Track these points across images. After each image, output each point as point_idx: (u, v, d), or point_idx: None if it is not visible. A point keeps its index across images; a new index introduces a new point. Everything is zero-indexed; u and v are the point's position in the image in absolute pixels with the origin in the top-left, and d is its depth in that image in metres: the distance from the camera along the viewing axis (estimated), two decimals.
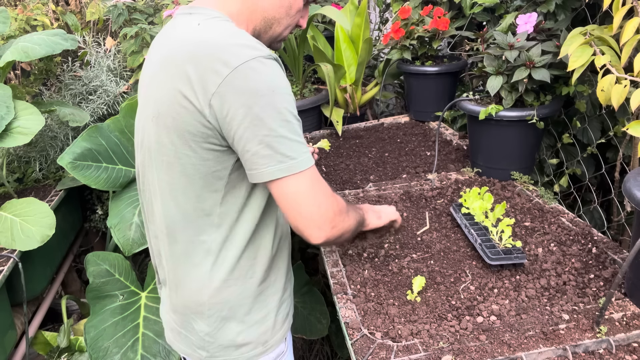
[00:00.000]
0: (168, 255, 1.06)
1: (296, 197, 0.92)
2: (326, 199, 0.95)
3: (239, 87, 0.86)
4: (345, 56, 2.35)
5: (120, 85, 2.18)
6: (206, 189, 0.96)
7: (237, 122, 0.87)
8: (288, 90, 0.91)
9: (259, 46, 0.91)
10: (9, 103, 1.63)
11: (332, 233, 0.97)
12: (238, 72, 0.86)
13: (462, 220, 1.37)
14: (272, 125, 0.88)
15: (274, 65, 0.90)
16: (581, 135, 1.66)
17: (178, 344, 1.12)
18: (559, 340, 0.97)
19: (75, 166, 1.71)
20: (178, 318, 1.10)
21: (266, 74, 0.88)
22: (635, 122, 1.12)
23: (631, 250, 0.95)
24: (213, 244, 1.00)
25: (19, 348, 1.67)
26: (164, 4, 2.25)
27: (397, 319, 1.06)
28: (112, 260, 1.78)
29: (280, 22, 1.04)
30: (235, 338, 1.05)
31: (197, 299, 1.04)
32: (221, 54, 0.87)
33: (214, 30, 0.93)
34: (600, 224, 1.63)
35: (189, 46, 0.91)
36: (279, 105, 0.88)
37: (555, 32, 1.56)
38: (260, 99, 0.87)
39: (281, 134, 0.89)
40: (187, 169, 0.95)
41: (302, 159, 0.91)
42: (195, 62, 0.89)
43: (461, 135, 2.05)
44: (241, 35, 0.92)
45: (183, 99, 0.90)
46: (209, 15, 0.96)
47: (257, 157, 0.89)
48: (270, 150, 0.88)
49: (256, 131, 0.87)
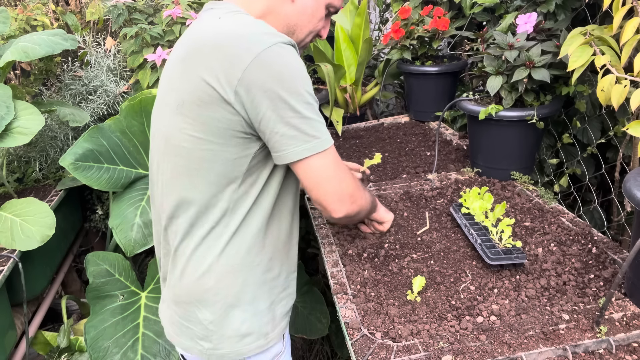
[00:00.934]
0: (178, 242, 1.07)
1: (322, 173, 0.99)
2: (346, 174, 1.03)
3: (263, 72, 0.90)
4: (345, 56, 2.35)
5: (120, 85, 2.18)
6: (224, 176, 1.00)
7: (265, 106, 0.92)
8: (306, 73, 0.96)
9: (278, 33, 0.95)
10: (9, 103, 1.63)
11: (352, 208, 1.05)
12: (261, 58, 0.90)
13: (462, 220, 1.37)
14: (297, 107, 0.93)
15: (293, 50, 0.95)
16: (581, 135, 1.66)
17: (179, 338, 1.12)
18: (559, 340, 0.98)
19: (77, 167, 1.71)
20: (180, 309, 1.11)
21: (288, 58, 0.93)
22: (635, 122, 1.12)
23: (631, 250, 0.95)
24: (225, 230, 1.03)
25: (19, 348, 1.67)
26: (164, 4, 2.25)
27: (397, 319, 1.06)
28: (112, 260, 1.78)
29: (302, 29, 1.09)
30: (239, 327, 1.07)
31: (203, 282, 1.05)
32: (243, 41, 0.92)
33: (234, 22, 0.97)
34: (600, 224, 1.63)
35: (211, 36, 0.96)
36: (300, 88, 0.93)
37: (555, 32, 1.56)
38: (285, 83, 0.91)
39: (306, 115, 0.94)
40: (207, 155, 0.98)
41: (325, 138, 0.97)
42: (218, 51, 0.93)
43: (461, 135, 2.05)
44: (260, 24, 0.97)
45: (208, 87, 0.93)
46: (230, 9, 1.02)
47: (285, 138, 0.94)
48: (297, 131, 0.94)
49: (282, 113, 0.92)
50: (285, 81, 0.92)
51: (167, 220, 1.09)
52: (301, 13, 1.06)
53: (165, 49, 2.01)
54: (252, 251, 1.06)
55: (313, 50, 2.24)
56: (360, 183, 1.12)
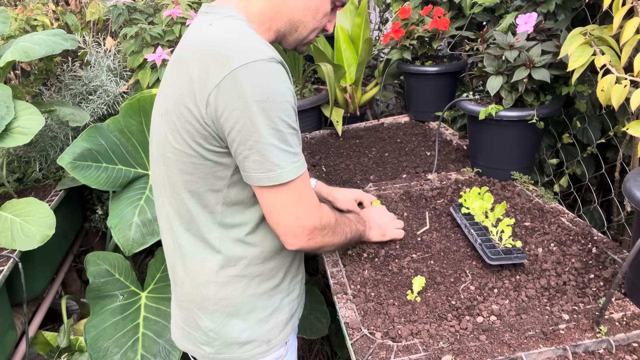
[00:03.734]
0: (177, 249, 1.07)
1: (278, 205, 0.94)
2: (307, 211, 0.97)
3: (235, 89, 0.86)
4: (345, 56, 2.35)
5: (120, 85, 2.18)
6: (207, 188, 0.97)
7: (231, 124, 0.88)
8: (286, 97, 0.89)
9: (264, 48, 0.89)
10: (9, 103, 1.63)
11: (309, 244, 1.00)
12: (236, 73, 0.86)
13: (462, 220, 1.37)
14: (263, 132, 0.87)
15: (275, 69, 0.89)
16: (581, 135, 1.66)
17: (182, 341, 1.13)
18: (559, 340, 0.97)
19: (75, 166, 1.71)
20: (182, 314, 1.11)
21: (264, 78, 0.87)
22: (635, 122, 1.12)
23: (631, 250, 0.95)
24: (218, 241, 1.01)
25: (19, 348, 1.67)
26: (164, 4, 2.25)
27: (397, 319, 1.06)
28: (112, 260, 1.78)
29: (306, 25, 1.03)
30: (239, 335, 1.06)
31: (202, 293, 1.05)
32: (223, 54, 0.87)
33: (223, 31, 0.93)
34: (600, 224, 1.63)
35: (196, 45, 0.93)
36: (272, 112, 0.87)
37: (555, 32, 1.56)
38: (254, 104, 0.86)
39: (271, 142, 0.88)
40: (188, 167, 0.96)
41: (289, 169, 0.91)
42: (199, 61, 0.90)
43: (461, 135, 2.05)
44: (248, 36, 0.92)
45: (186, 97, 0.91)
46: (224, 14, 0.97)
47: (248, 162, 0.90)
48: (260, 156, 0.89)
49: (247, 136, 0.88)
50: (255, 102, 0.86)
51: (163, 227, 1.09)
52: (305, 9, 1.01)
53: (165, 49, 2.01)
54: (250, 262, 1.04)
55: (313, 50, 2.24)
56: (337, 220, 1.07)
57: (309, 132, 2.29)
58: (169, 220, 1.06)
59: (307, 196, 0.97)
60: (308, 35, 1.06)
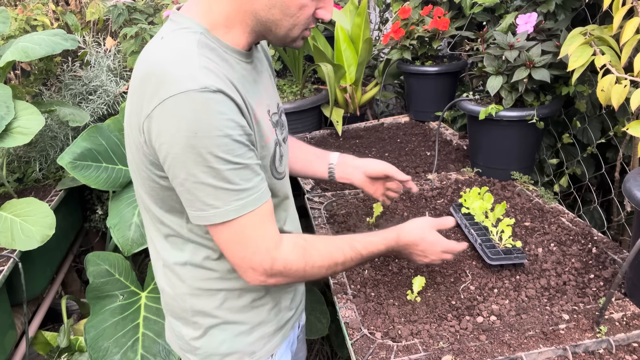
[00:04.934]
0: (155, 260, 1.04)
1: (220, 243, 0.89)
2: (254, 254, 0.88)
3: (162, 123, 0.80)
4: (345, 56, 2.35)
5: (120, 85, 2.18)
6: (167, 208, 0.93)
7: (162, 157, 0.83)
8: (222, 131, 0.80)
9: (199, 76, 0.80)
10: (9, 103, 1.63)
11: (269, 281, 0.92)
12: (164, 105, 0.79)
13: (462, 220, 1.37)
14: (192, 170, 0.81)
15: (206, 102, 0.79)
16: (581, 135, 1.66)
17: (173, 344, 1.12)
18: (559, 340, 0.97)
19: (75, 166, 1.71)
20: (169, 320, 1.09)
21: (192, 112, 0.79)
22: (635, 122, 1.12)
23: (631, 250, 0.95)
24: (190, 256, 0.97)
25: (19, 348, 1.67)
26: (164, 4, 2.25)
27: (397, 319, 1.06)
28: (112, 260, 1.78)
29: (277, 24, 0.91)
30: (219, 346, 1.02)
31: (180, 304, 1.02)
32: (157, 80, 0.82)
33: (166, 50, 0.86)
34: (600, 224, 1.63)
35: (140, 63, 0.88)
36: (201, 149, 0.79)
37: (555, 32, 1.56)
38: (180, 140, 0.79)
39: (202, 181, 0.82)
40: (145, 188, 0.93)
41: (227, 209, 0.84)
42: (138, 82, 0.86)
43: (461, 135, 2.05)
44: (189, 59, 0.83)
45: (130, 121, 0.88)
46: (180, 25, 0.90)
47: (182, 198, 0.86)
48: (190, 195, 0.84)
49: (176, 172, 0.82)
50: (181, 138, 0.79)
51: (147, 233, 1.06)
52: (270, 7, 0.88)
53: None
54: (227, 275, 0.99)
55: (313, 50, 2.24)
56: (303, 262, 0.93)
57: (309, 132, 2.29)
58: (148, 232, 1.03)
59: (253, 238, 0.88)
60: (288, 33, 0.92)
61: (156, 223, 0.98)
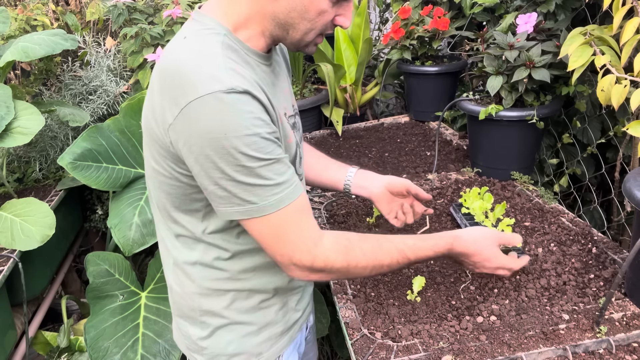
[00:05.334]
0: (166, 258, 1.05)
1: (260, 239, 0.89)
2: (293, 252, 0.88)
3: (191, 124, 0.81)
4: (345, 56, 2.35)
5: (120, 85, 2.18)
6: (186, 207, 0.94)
7: (192, 160, 0.83)
8: (250, 129, 0.81)
9: (224, 76, 0.81)
10: (9, 103, 1.63)
11: (311, 277, 0.91)
12: (192, 107, 0.80)
13: (462, 220, 1.37)
14: (226, 169, 0.82)
15: (234, 102, 0.80)
16: (581, 135, 1.66)
17: (180, 344, 1.12)
18: (559, 340, 0.97)
19: (76, 166, 1.71)
20: (176, 319, 1.10)
21: (220, 113, 0.79)
22: (635, 122, 1.12)
23: (631, 250, 0.95)
24: (202, 256, 0.98)
25: (19, 348, 1.67)
26: (164, 4, 2.25)
27: (397, 319, 1.06)
28: (112, 260, 1.78)
29: (295, 27, 0.91)
30: (226, 347, 1.03)
31: (189, 303, 1.03)
32: (180, 83, 0.82)
33: (190, 51, 0.86)
34: (600, 224, 1.63)
35: (163, 64, 0.88)
36: (232, 149, 0.80)
37: (555, 32, 1.56)
38: (212, 142, 0.80)
39: (236, 179, 0.82)
40: (163, 187, 0.93)
41: (264, 203, 0.84)
42: (161, 84, 0.86)
43: (461, 135, 2.05)
44: (213, 60, 0.84)
45: (153, 120, 0.88)
46: (204, 25, 0.90)
47: (215, 197, 0.86)
48: (226, 192, 0.84)
49: (210, 173, 0.83)
50: (212, 139, 0.79)
51: (158, 232, 1.06)
52: (290, 10, 0.89)
53: None
54: (238, 276, 1.00)
55: None
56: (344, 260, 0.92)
57: (309, 132, 2.29)
58: (158, 230, 1.04)
59: (293, 232, 0.88)
60: (303, 37, 0.93)
61: (168, 222, 0.98)
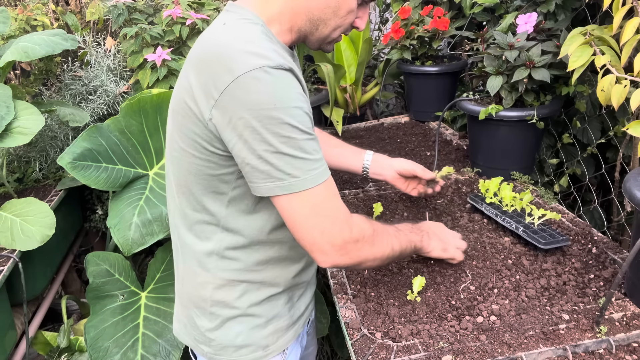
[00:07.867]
0: (179, 247, 1.07)
1: (297, 217, 0.89)
2: (333, 224, 0.90)
3: (239, 97, 0.83)
4: (345, 56, 2.35)
5: (120, 85, 2.18)
6: (211, 190, 0.96)
7: (237, 133, 0.85)
8: (295, 103, 0.85)
9: (271, 54, 0.86)
10: (9, 103, 1.63)
11: (342, 261, 0.93)
12: (240, 81, 0.83)
13: (489, 210, 1.40)
14: (272, 141, 0.84)
15: (281, 76, 0.85)
16: (581, 135, 1.66)
17: (184, 336, 1.13)
18: (559, 340, 0.97)
19: (75, 166, 1.71)
20: (184, 310, 1.11)
21: (270, 85, 0.83)
22: (635, 122, 1.12)
23: (631, 250, 0.95)
24: (218, 244, 1.00)
25: (19, 348, 1.67)
26: (164, 4, 2.25)
27: (397, 319, 1.06)
28: (112, 260, 1.78)
29: (326, 23, 0.97)
30: (234, 339, 1.05)
31: (200, 293, 1.04)
32: (227, 60, 0.85)
33: (233, 34, 0.90)
34: (600, 224, 1.63)
35: (204, 46, 0.92)
36: (280, 120, 0.83)
37: (555, 32, 1.56)
38: (260, 112, 0.83)
39: (281, 151, 0.84)
40: (192, 168, 0.95)
41: (305, 177, 0.86)
42: (204, 63, 0.88)
43: (461, 135, 2.05)
44: (257, 41, 0.88)
45: (190, 99, 0.90)
46: (241, 16, 0.94)
47: (256, 172, 0.87)
48: (269, 166, 0.85)
49: (255, 145, 0.84)
50: (261, 110, 0.82)
51: (173, 221, 1.08)
52: (325, 7, 0.95)
53: (165, 49, 2.01)
54: (251, 267, 1.02)
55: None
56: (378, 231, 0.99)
57: None
58: (174, 218, 1.06)
59: (331, 207, 0.90)
60: (330, 34, 0.99)
61: (188, 208, 1.00)
